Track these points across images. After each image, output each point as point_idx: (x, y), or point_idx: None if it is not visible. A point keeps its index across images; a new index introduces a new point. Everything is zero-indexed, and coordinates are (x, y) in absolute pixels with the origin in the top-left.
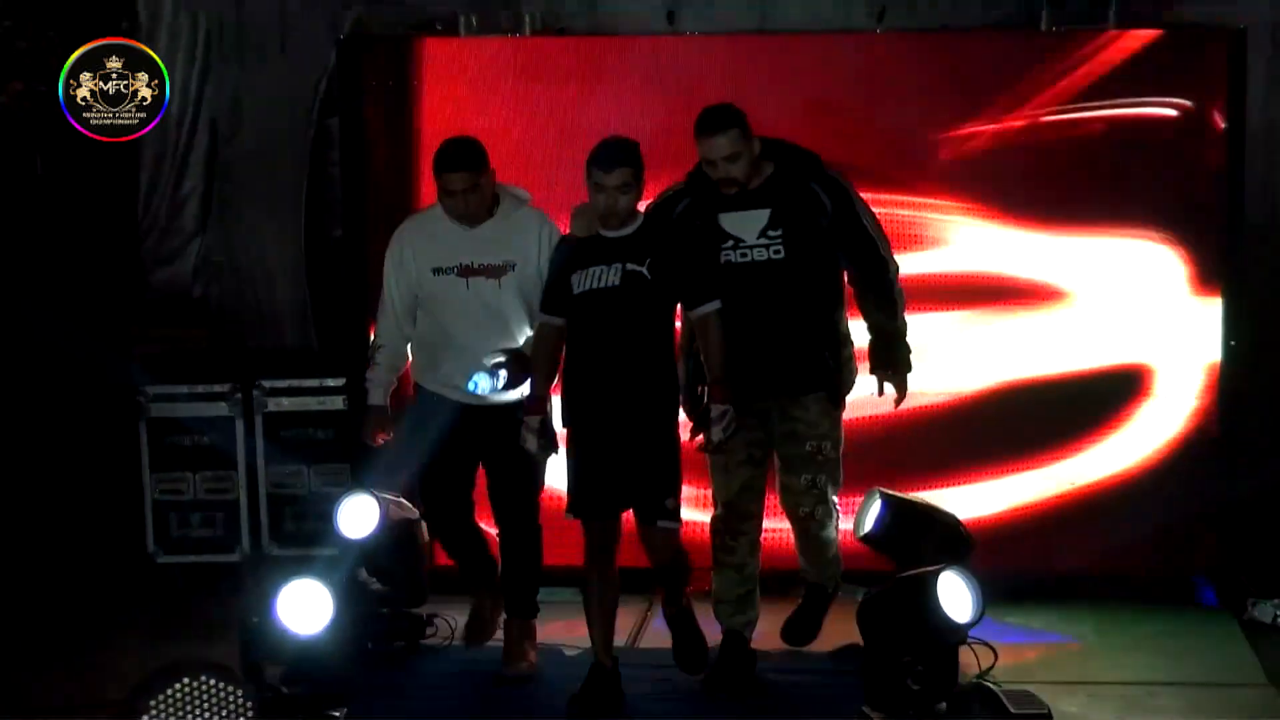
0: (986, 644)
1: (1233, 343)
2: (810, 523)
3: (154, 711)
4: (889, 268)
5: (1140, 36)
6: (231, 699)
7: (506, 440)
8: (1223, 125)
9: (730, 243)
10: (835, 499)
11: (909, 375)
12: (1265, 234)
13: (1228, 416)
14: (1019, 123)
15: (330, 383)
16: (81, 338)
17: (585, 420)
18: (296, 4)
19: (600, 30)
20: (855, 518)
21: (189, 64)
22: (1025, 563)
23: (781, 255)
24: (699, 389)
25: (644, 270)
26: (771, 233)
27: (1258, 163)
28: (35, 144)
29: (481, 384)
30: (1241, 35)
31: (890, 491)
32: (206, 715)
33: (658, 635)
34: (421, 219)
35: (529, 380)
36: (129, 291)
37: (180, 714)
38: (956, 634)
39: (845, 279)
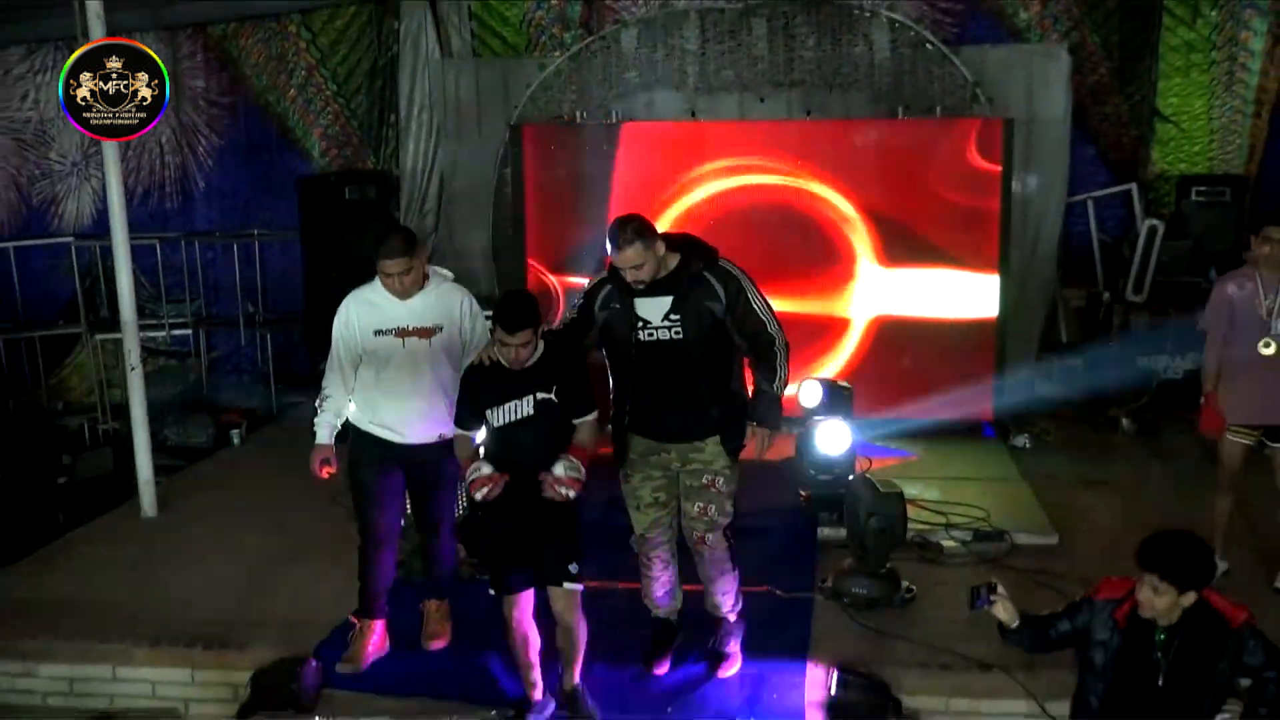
0: (866, 458)
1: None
2: (703, 546)
3: None
4: (776, 343)
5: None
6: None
7: (428, 468)
8: (1000, 172)
9: (641, 323)
10: (727, 529)
11: (775, 432)
12: (1019, 238)
13: (999, 336)
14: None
15: None
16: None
17: (504, 507)
18: (486, 106)
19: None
20: (799, 398)
21: (429, 140)
22: (886, 413)
23: (680, 336)
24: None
25: (552, 396)
26: (673, 316)
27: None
28: (343, 178)
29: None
30: (1010, 124)
31: (811, 378)
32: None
33: None
34: (365, 291)
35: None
36: None
37: None
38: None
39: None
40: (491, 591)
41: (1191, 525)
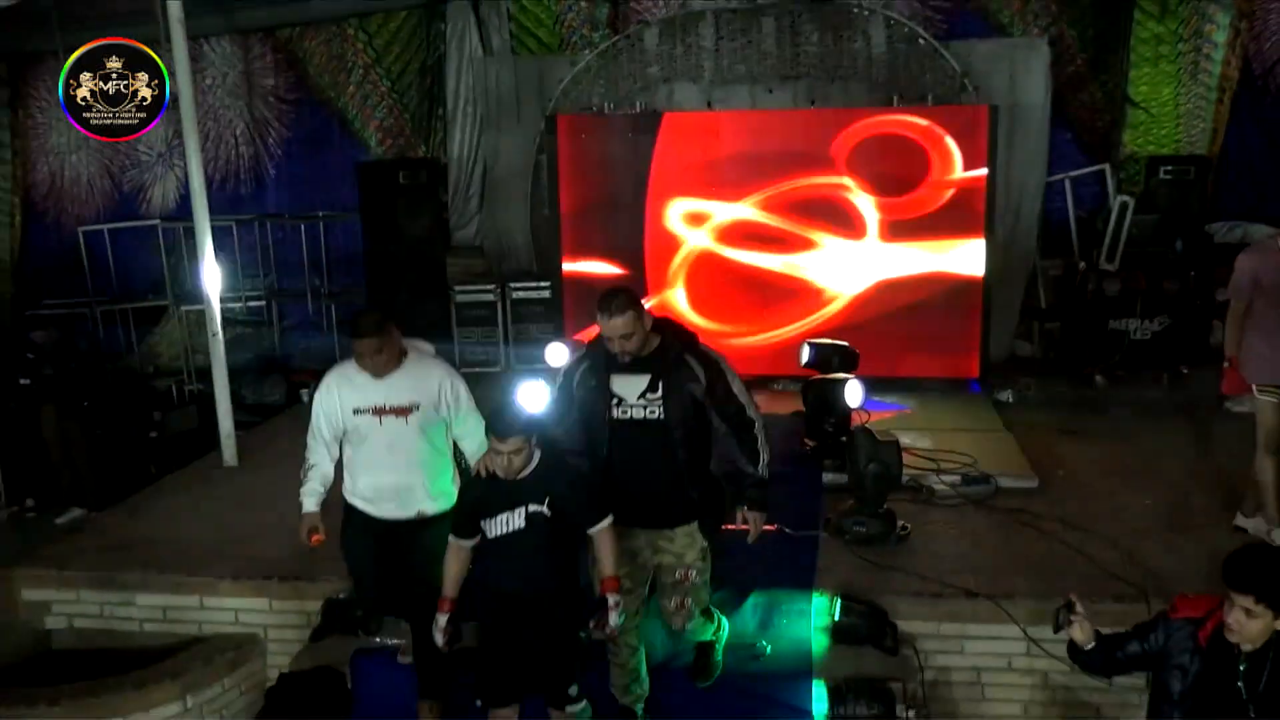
0: (865, 411)
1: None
2: (682, 634)
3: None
4: (756, 425)
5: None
6: None
7: (405, 544)
8: (985, 152)
9: (616, 400)
10: (702, 605)
11: (765, 514)
12: (1002, 213)
13: (985, 302)
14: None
15: (541, 284)
16: (427, 265)
17: (498, 623)
18: (524, 99)
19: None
20: (800, 356)
21: (473, 129)
22: (884, 371)
23: (660, 416)
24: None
25: (544, 509)
26: (650, 395)
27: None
28: (397, 165)
29: None
30: (995, 110)
31: (815, 340)
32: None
33: None
34: (344, 369)
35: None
36: (444, 243)
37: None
38: (852, 408)
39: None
40: (479, 703)
41: (1161, 470)
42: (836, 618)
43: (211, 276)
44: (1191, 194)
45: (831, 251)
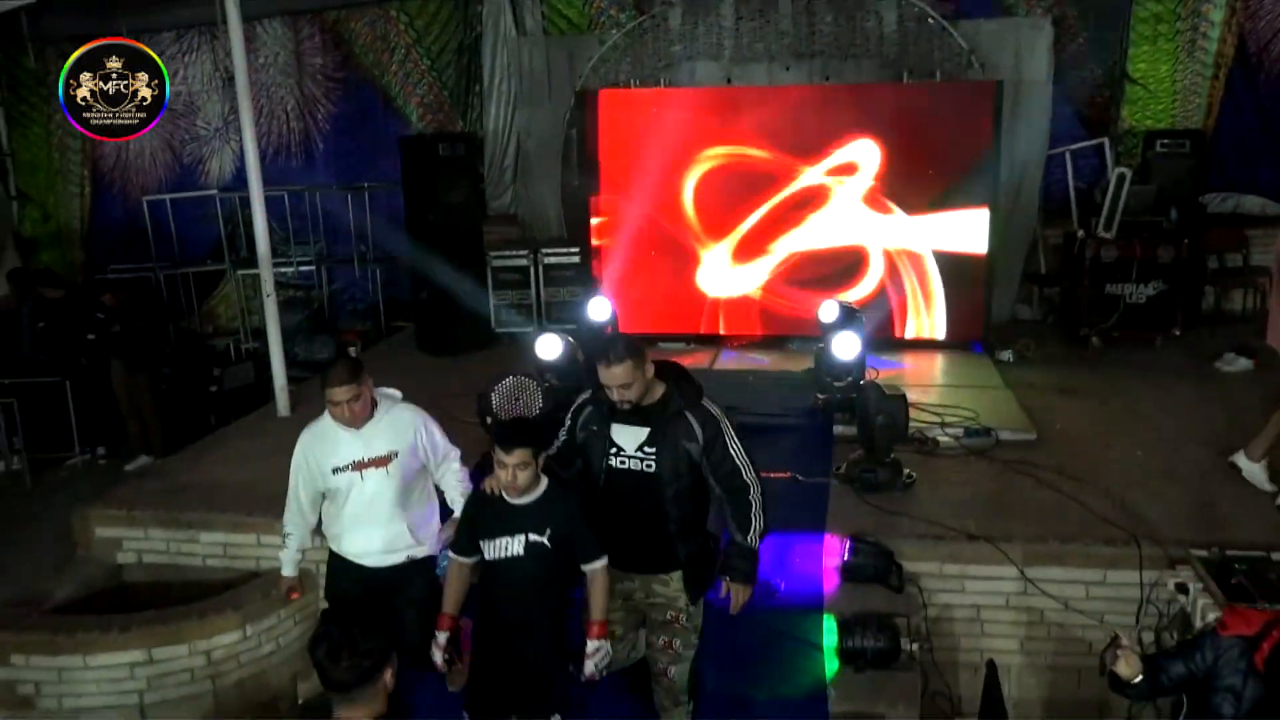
0: (874, 369)
1: (991, 234)
2: (664, 678)
3: (496, 393)
4: (751, 491)
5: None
6: (532, 387)
7: (395, 589)
8: (990, 127)
9: (615, 449)
10: (690, 653)
11: (750, 586)
12: (1005, 184)
13: (988, 267)
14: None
15: (571, 250)
16: (465, 232)
17: (490, 640)
18: (555, 76)
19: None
20: (819, 315)
21: (508, 105)
22: (887, 334)
23: (653, 470)
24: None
25: (544, 540)
26: (648, 449)
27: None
28: (437, 139)
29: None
30: (1000, 86)
31: (842, 301)
32: (521, 395)
33: None
34: (317, 431)
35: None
36: (481, 212)
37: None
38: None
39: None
40: (465, 716)
41: (1153, 425)
42: (846, 557)
43: (265, 243)
44: (1186, 166)
45: (844, 218)
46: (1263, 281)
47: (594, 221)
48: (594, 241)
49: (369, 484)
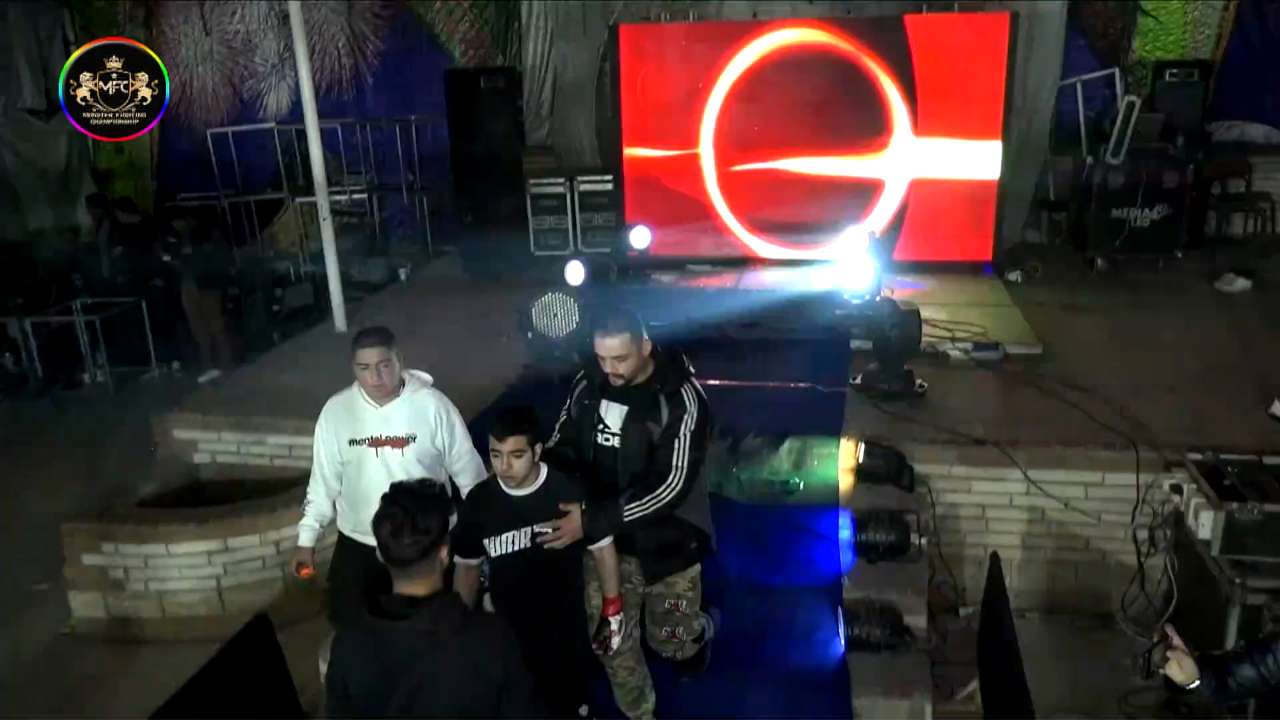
0: (890, 288)
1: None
2: (672, 660)
3: (536, 307)
4: (666, 484)
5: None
6: (570, 303)
7: None
8: (1005, 58)
9: (602, 425)
10: (698, 630)
11: (582, 535)
12: (1018, 113)
13: (1000, 192)
14: None
15: (604, 178)
16: (505, 162)
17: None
18: (590, 11)
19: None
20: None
21: (545, 41)
22: (911, 257)
23: (619, 447)
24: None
25: (550, 530)
26: (623, 428)
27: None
28: (479, 73)
29: None
30: (1015, 17)
31: (861, 225)
32: (559, 310)
33: None
34: (342, 401)
35: None
36: (520, 142)
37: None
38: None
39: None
40: None
41: (1153, 340)
42: (861, 459)
43: (321, 172)
44: (1194, 96)
45: (864, 146)
46: (1264, 207)
47: (625, 151)
48: (625, 170)
49: (383, 462)
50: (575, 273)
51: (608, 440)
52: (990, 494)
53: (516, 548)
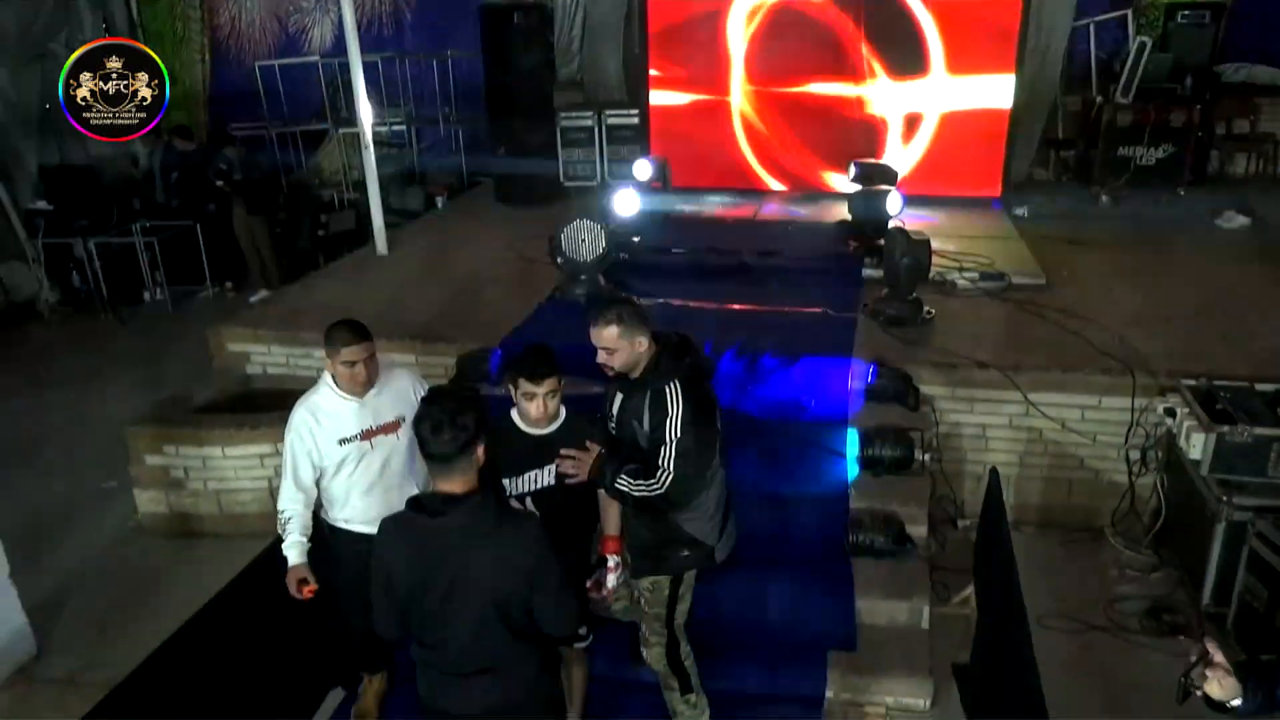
0: (901, 220)
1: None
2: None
3: (565, 232)
4: (660, 477)
5: None
6: (597, 230)
7: None
8: None
9: (611, 411)
10: (658, 640)
11: (593, 474)
12: (1031, 51)
13: (1010, 130)
14: None
15: (630, 111)
16: (537, 95)
17: None
18: None
19: None
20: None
21: None
22: (922, 191)
23: (617, 435)
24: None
25: (570, 461)
26: (619, 419)
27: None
28: (513, 9)
29: None
30: None
31: (860, 160)
32: (587, 236)
33: None
34: (310, 408)
35: None
36: (551, 77)
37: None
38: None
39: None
40: None
41: (1154, 273)
42: (870, 380)
43: (363, 104)
44: (1205, 37)
45: (881, 78)
46: (1267, 147)
47: (651, 86)
48: (651, 103)
49: (379, 452)
50: (626, 203)
51: (611, 428)
52: (991, 415)
53: (540, 485)
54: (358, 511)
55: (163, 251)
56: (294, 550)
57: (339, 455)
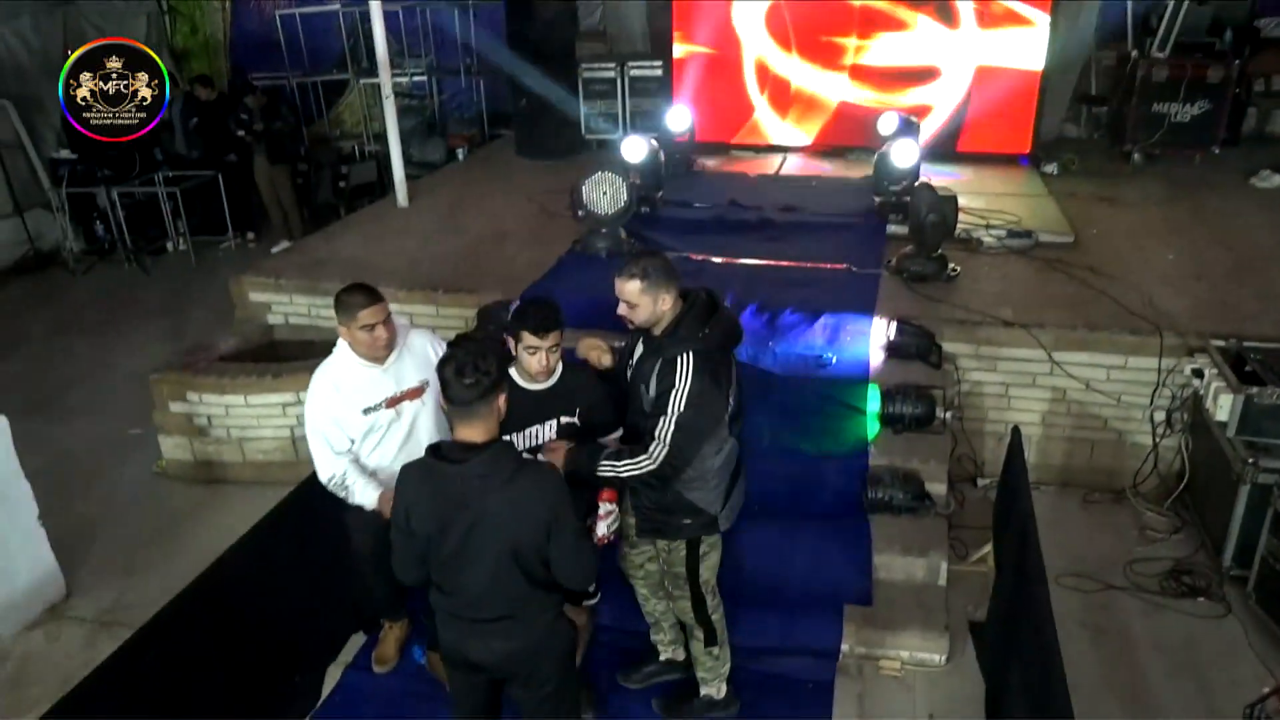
0: (929, 177)
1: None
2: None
3: (586, 185)
4: (653, 451)
5: None
6: (619, 182)
7: None
8: None
9: (631, 368)
10: (683, 595)
11: (563, 461)
12: (1067, 9)
13: (1042, 85)
14: None
15: (654, 63)
16: (560, 47)
17: None
18: None
19: None
20: (879, 126)
21: None
22: (940, 145)
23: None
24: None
25: (575, 420)
26: (633, 373)
27: None
28: None
29: None
30: None
31: (900, 113)
32: (608, 188)
33: None
34: (332, 379)
35: None
36: (574, 28)
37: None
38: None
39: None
40: None
41: (1185, 232)
42: (892, 337)
43: (384, 52)
44: None
45: (908, 34)
46: None
47: (675, 40)
48: (675, 55)
49: (405, 416)
50: (634, 149)
51: (628, 375)
52: (1014, 373)
53: (541, 440)
54: (385, 476)
55: (185, 202)
56: (369, 491)
57: (365, 425)
